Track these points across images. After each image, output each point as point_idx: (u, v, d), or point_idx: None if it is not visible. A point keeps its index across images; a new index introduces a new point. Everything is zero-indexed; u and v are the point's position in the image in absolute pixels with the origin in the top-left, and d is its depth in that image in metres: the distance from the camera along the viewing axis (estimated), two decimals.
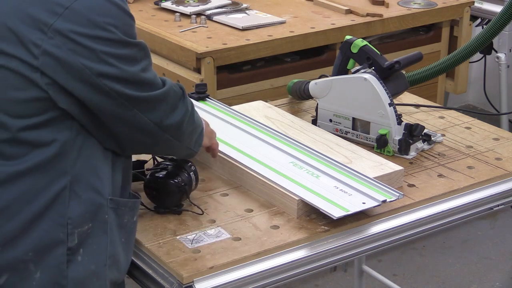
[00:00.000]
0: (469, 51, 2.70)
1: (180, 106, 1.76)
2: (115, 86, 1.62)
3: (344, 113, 2.30)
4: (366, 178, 1.99)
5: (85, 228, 1.64)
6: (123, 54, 1.63)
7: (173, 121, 1.74)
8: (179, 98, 1.76)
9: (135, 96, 1.65)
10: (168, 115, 1.73)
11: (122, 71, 1.62)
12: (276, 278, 1.78)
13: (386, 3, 3.59)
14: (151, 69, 1.71)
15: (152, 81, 1.70)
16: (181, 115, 1.76)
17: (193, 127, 1.83)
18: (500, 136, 2.36)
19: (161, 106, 1.71)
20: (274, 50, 3.18)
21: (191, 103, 1.83)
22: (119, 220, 1.71)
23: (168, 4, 3.47)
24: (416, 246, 3.74)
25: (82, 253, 1.65)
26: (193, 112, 1.83)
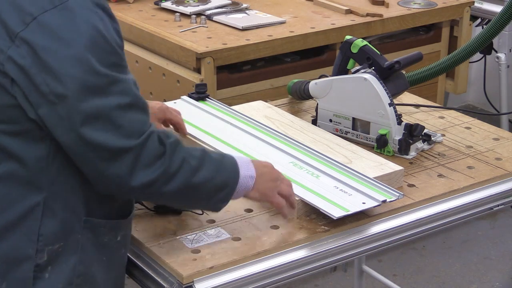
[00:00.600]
0: (469, 51, 2.70)
1: (156, 164, 1.60)
2: (69, 114, 1.53)
3: (344, 113, 2.30)
4: (366, 178, 1.99)
5: (56, 246, 1.63)
6: (87, 81, 1.53)
7: (142, 179, 1.59)
8: (156, 157, 1.61)
9: (88, 138, 1.55)
10: (135, 171, 1.58)
11: (80, 100, 1.53)
12: (276, 278, 1.78)
13: (386, 3, 3.58)
14: (129, 111, 1.58)
15: (122, 125, 1.57)
16: (154, 175, 1.60)
17: (191, 188, 1.67)
18: (500, 136, 2.36)
19: (126, 159, 1.58)
20: (274, 50, 3.18)
21: (188, 161, 1.66)
22: (97, 239, 1.68)
23: (168, 4, 3.47)
24: (416, 246, 3.74)
25: (50, 271, 1.63)
26: (187, 170, 1.65)
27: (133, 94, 1.59)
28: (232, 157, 1.77)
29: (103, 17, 1.57)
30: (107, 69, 1.55)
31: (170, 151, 1.63)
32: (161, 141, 1.62)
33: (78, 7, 1.54)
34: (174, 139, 1.66)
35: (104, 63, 1.55)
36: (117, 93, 1.56)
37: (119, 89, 1.57)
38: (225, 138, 2.19)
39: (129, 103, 1.57)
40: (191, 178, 1.66)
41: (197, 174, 1.67)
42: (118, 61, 1.58)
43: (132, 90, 1.59)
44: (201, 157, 1.69)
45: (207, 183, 1.69)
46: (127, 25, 3.34)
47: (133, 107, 1.58)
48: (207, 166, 1.69)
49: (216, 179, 1.70)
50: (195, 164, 1.67)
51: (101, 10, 1.57)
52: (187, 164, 1.65)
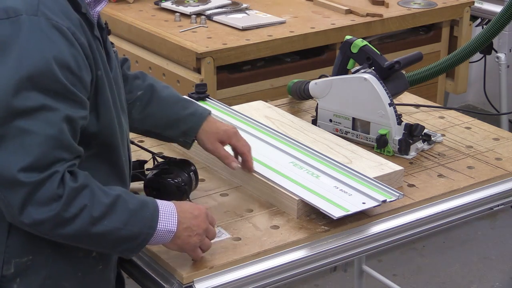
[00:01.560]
0: (469, 51, 2.70)
1: (51, 205, 1.51)
2: None
3: (344, 113, 2.30)
4: (366, 178, 1.99)
5: (24, 259, 1.61)
6: (7, 100, 1.47)
7: (32, 217, 1.51)
8: (52, 198, 1.51)
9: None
10: (27, 207, 1.50)
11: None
12: (276, 278, 1.78)
13: (386, 3, 3.59)
14: (45, 144, 1.49)
15: (30, 154, 1.48)
16: (45, 215, 1.51)
17: (89, 236, 1.57)
18: (500, 136, 2.36)
19: (20, 192, 1.49)
20: (274, 50, 3.18)
21: (90, 209, 1.54)
22: (70, 254, 1.65)
23: (168, 4, 3.47)
24: (416, 246, 3.74)
25: (18, 282, 1.62)
26: (86, 219, 1.54)
27: (57, 128, 1.51)
28: (155, 207, 1.64)
29: (55, 40, 1.51)
30: (38, 93, 1.49)
31: (69, 196, 1.52)
32: (63, 184, 1.52)
33: (30, 24, 1.50)
34: (79, 184, 1.54)
35: (36, 87, 1.48)
36: (39, 121, 1.49)
37: (43, 117, 1.50)
38: None
39: (49, 135, 1.50)
40: (89, 227, 1.55)
41: (99, 223, 1.56)
42: (56, 89, 1.51)
43: (58, 123, 1.51)
44: (111, 205, 1.57)
45: (111, 234, 1.58)
46: (127, 25, 3.34)
47: (51, 140, 1.50)
48: (115, 216, 1.58)
49: (123, 231, 1.59)
50: (98, 213, 1.55)
51: (57, 32, 1.52)
52: (87, 212, 1.54)
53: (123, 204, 1.59)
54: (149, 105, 1.95)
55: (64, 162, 1.54)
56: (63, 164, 1.53)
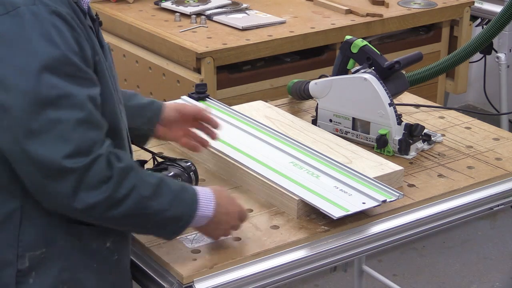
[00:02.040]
0: (469, 51, 2.70)
1: (102, 188, 1.53)
2: (13, 126, 1.48)
3: (344, 113, 2.30)
4: (366, 178, 1.99)
5: (37, 252, 1.61)
6: (34, 92, 1.48)
7: (86, 201, 1.53)
8: (102, 181, 1.53)
9: (32, 152, 1.49)
10: (79, 193, 1.52)
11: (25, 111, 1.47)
12: (276, 278, 1.78)
13: (386, 3, 3.59)
14: (79, 127, 1.50)
15: (69, 141, 1.50)
16: (98, 198, 1.54)
17: (138, 216, 1.61)
18: (500, 136, 2.36)
19: (70, 179, 1.51)
20: (274, 50, 3.18)
21: (139, 189, 1.58)
22: (85, 246, 1.66)
23: (168, 4, 3.47)
24: (416, 246, 3.74)
25: (34, 276, 1.62)
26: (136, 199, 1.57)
27: (86, 109, 1.53)
28: (194, 191, 1.69)
29: (59, 26, 1.51)
30: (59, 79, 1.50)
31: (119, 176, 1.56)
32: (110, 165, 1.55)
33: (31, 15, 1.50)
34: (125, 164, 1.58)
35: (55, 73, 1.49)
36: (68, 107, 1.50)
37: (71, 102, 1.51)
38: (225, 138, 2.19)
39: (81, 118, 1.52)
40: (139, 207, 1.59)
41: (148, 203, 1.60)
42: (72, 72, 1.52)
43: (85, 105, 1.52)
44: (156, 185, 1.62)
45: (158, 214, 1.62)
46: (127, 25, 3.34)
47: (85, 123, 1.52)
48: (162, 197, 1.62)
49: (169, 212, 1.63)
50: (146, 193, 1.59)
51: (57, 17, 1.52)
52: (136, 192, 1.58)
53: (166, 185, 1.64)
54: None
55: (102, 142, 1.56)
56: (102, 144, 1.55)
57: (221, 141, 2.17)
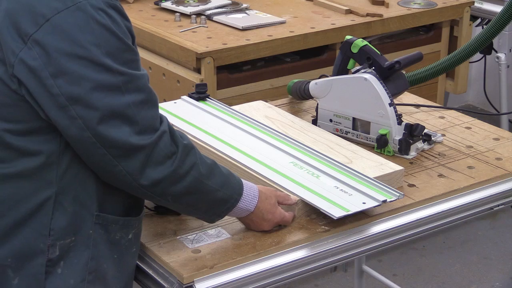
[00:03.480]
0: (469, 51, 2.70)
1: (167, 163, 1.62)
2: (84, 114, 1.55)
3: (344, 113, 2.30)
4: (366, 178, 1.99)
5: (67, 241, 1.63)
6: (102, 80, 1.55)
7: (152, 177, 1.62)
8: (167, 156, 1.62)
9: (104, 136, 1.57)
10: (146, 169, 1.60)
11: (96, 99, 1.55)
12: (276, 278, 1.78)
13: (386, 3, 3.59)
14: (143, 108, 1.60)
15: (137, 121, 1.59)
16: (163, 174, 1.62)
17: (195, 193, 1.69)
18: (500, 136, 2.36)
19: (139, 156, 1.60)
20: (274, 50, 3.18)
21: (198, 167, 1.67)
22: (109, 236, 1.69)
23: (168, 4, 3.47)
24: (416, 246, 3.74)
25: (62, 266, 1.64)
26: (196, 176, 1.66)
27: (148, 90, 1.62)
28: (240, 180, 1.78)
29: (115, 17, 1.58)
30: (122, 66, 1.57)
31: (183, 152, 1.65)
32: (175, 141, 1.64)
33: (90, 8, 1.55)
34: (188, 142, 1.67)
35: (118, 61, 1.57)
36: (133, 90, 1.59)
37: (135, 85, 1.59)
38: (225, 138, 2.19)
39: (144, 99, 1.60)
40: (198, 184, 1.68)
41: (205, 181, 1.69)
42: (132, 57, 1.60)
43: (147, 85, 1.62)
44: (211, 166, 1.71)
45: (211, 194, 1.71)
46: None
47: (148, 102, 1.61)
48: (215, 177, 1.71)
49: (220, 193, 1.72)
50: (205, 171, 1.68)
51: (113, 10, 1.58)
52: (196, 169, 1.67)
53: (218, 168, 1.73)
54: None
55: (161, 118, 1.64)
56: (163, 120, 1.64)
57: (221, 141, 2.17)
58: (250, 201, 1.78)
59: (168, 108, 2.37)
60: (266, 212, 1.81)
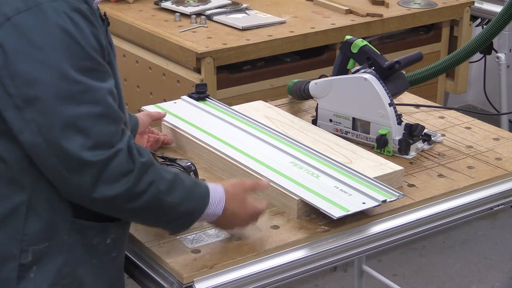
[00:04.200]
0: (469, 51, 2.70)
1: (121, 181, 1.57)
2: (37, 118, 1.51)
3: (344, 113, 2.30)
4: (366, 178, 1.99)
5: (41, 246, 1.62)
6: (57, 86, 1.50)
7: (105, 194, 1.56)
8: (122, 174, 1.56)
9: (55, 144, 1.52)
10: (98, 185, 1.55)
11: (49, 105, 1.50)
12: (276, 278, 1.78)
13: (386, 3, 3.59)
14: (99, 122, 1.53)
15: (91, 135, 1.53)
16: (117, 191, 1.57)
17: (154, 210, 1.65)
18: (500, 136, 2.36)
19: (90, 172, 1.54)
20: (274, 50, 3.18)
21: (157, 184, 1.61)
22: (86, 241, 1.67)
23: (168, 4, 3.47)
24: (416, 246, 3.74)
25: (35, 270, 1.62)
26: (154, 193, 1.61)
27: (106, 104, 1.55)
28: (207, 188, 1.73)
29: (79, 22, 1.53)
30: (80, 75, 1.52)
31: (140, 170, 1.59)
32: (132, 158, 1.58)
33: (52, 10, 1.51)
34: (147, 159, 1.61)
35: (77, 68, 1.52)
36: (89, 102, 1.53)
37: (92, 97, 1.53)
38: (225, 138, 2.19)
39: (101, 112, 1.54)
40: (156, 201, 1.63)
41: (164, 198, 1.64)
42: (93, 66, 1.55)
43: (105, 99, 1.55)
44: (172, 181, 1.65)
45: (172, 209, 1.66)
46: (127, 25, 3.34)
47: (105, 117, 1.55)
48: (176, 192, 1.65)
49: (182, 207, 1.67)
50: (163, 188, 1.63)
51: (78, 14, 1.54)
52: (155, 187, 1.61)
53: (180, 181, 1.68)
54: None
55: (122, 135, 1.58)
56: (122, 137, 1.58)
57: (221, 141, 2.17)
58: (216, 206, 1.73)
59: (168, 108, 2.38)
60: (236, 209, 1.76)
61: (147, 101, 2.89)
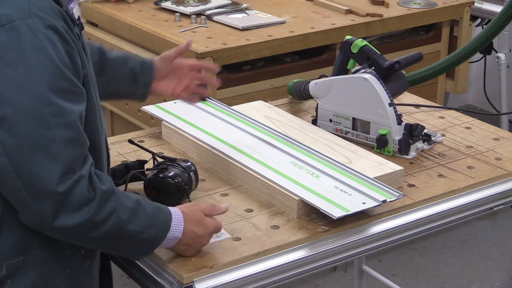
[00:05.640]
0: (469, 51, 2.70)
1: (83, 210, 1.53)
2: (4, 138, 1.47)
3: (344, 113, 2.30)
4: (366, 178, 1.99)
5: (15, 261, 1.60)
6: (27, 107, 1.46)
7: (66, 223, 1.53)
8: (83, 203, 1.53)
9: (22, 167, 1.48)
10: (60, 214, 1.51)
11: (19, 125, 1.46)
12: (276, 278, 1.78)
13: (386, 3, 3.59)
14: (70, 147, 1.50)
15: (60, 161, 1.49)
16: (78, 221, 1.53)
17: (116, 239, 1.61)
18: (500, 136, 2.36)
19: (53, 199, 1.50)
20: (274, 50, 3.18)
21: (119, 213, 1.58)
22: (60, 253, 1.66)
23: (168, 4, 3.47)
24: (416, 246, 3.74)
25: (9, 284, 1.61)
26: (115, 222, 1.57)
27: (77, 128, 1.53)
28: (169, 213, 1.69)
29: (54, 40, 1.51)
30: (54, 96, 1.49)
31: (101, 198, 1.56)
32: (93, 187, 1.55)
33: (26, 28, 1.48)
34: (108, 187, 1.58)
35: (51, 89, 1.49)
36: (61, 125, 1.50)
37: (64, 120, 1.50)
38: (225, 138, 2.19)
39: (71, 137, 1.51)
40: (118, 230, 1.60)
41: (126, 227, 1.61)
42: (67, 87, 1.52)
43: (76, 123, 1.52)
44: (134, 209, 1.62)
45: (134, 237, 1.63)
46: (127, 25, 3.34)
47: (73, 142, 1.52)
48: (138, 221, 1.62)
49: (144, 234, 1.64)
50: (125, 217, 1.60)
51: (53, 32, 1.51)
52: (116, 215, 1.58)
53: (143, 208, 1.64)
54: (104, 69, 2.02)
55: (84, 161, 1.54)
56: (84, 163, 1.54)
57: (221, 141, 2.17)
58: (176, 228, 1.69)
59: (168, 108, 2.38)
60: (196, 228, 1.71)
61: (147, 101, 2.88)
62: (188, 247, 1.73)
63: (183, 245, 1.71)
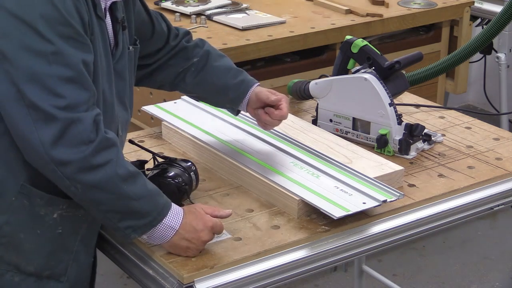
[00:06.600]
0: (469, 51, 2.70)
1: (80, 148, 1.57)
2: (11, 70, 1.56)
3: (344, 113, 2.30)
4: (367, 178, 1.99)
5: None
6: (30, 42, 1.55)
7: (62, 155, 1.57)
8: (82, 141, 1.58)
9: (26, 95, 1.56)
10: (58, 144, 1.57)
11: (21, 58, 1.55)
12: (276, 278, 1.79)
13: (386, 3, 3.59)
14: (69, 84, 1.57)
15: (60, 94, 1.56)
16: (73, 157, 1.57)
17: (106, 193, 1.62)
18: (500, 136, 2.36)
19: (54, 126, 1.56)
20: (274, 50, 3.18)
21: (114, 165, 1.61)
22: (33, 209, 1.69)
23: (168, 4, 3.47)
24: (416, 246, 3.74)
25: None
26: (109, 173, 1.60)
27: (78, 70, 1.58)
28: (169, 202, 1.72)
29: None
30: (56, 37, 1.56)
31: (100, 144, 1.59)
32: (97, 130, 1.60)
33: None
34: (112, 137, 1.63)
35: (52, 30, 1.55)
36: (60, 64, 1.56)
37: (63, 60, 1.57)
38: (225, 138, 2.19)
39: (71, 77, 1.57)
40: (111, 183, 1.61)
41: (120, 184, 1.62)
42: (71, 34, 1.58)
43: (77, 65, 1.58)
44: (133, 174, 1.65)
45: (125, 199, 1.64)
46: None
47: (74, 82, 1.58)
48: (134, 186, 1.64)
49: (135, 203, 1.65)
50: (122, 173, 1.62)
51: None
52: (111, 167, 1.61)
53: (143, 180, 1.67)
54: (201, 72, 2.07)
55: (90, 106, 1.60)
56: (90, 108, 1.60)
57: (222, 141, 2.17)
58: (174, 217, 1.71)
59: (168, 108, 2.38)
60: (195, 222, 1.73)
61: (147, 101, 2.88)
62: (189, 244, 1.72)
63: (183, 240, 1.72)
